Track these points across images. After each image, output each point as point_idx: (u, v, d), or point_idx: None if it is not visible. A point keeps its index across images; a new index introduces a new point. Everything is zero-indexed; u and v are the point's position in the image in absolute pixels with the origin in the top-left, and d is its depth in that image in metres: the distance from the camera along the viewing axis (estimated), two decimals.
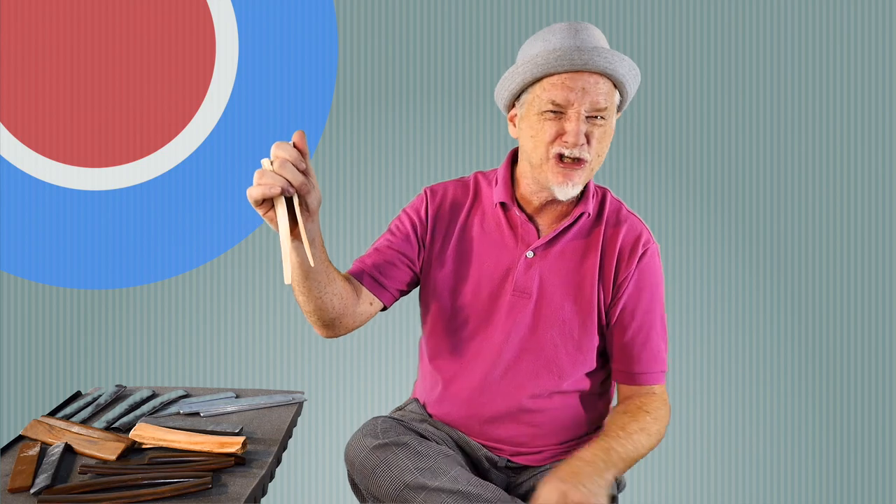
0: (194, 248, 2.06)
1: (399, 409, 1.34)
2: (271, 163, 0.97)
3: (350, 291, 1.16)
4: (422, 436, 1.18)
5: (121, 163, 2.02)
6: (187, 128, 2.03)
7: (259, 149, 2.04)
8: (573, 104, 1.11)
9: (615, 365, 1.24)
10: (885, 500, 2.04)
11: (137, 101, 2.01)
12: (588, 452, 1.07)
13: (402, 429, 1.16)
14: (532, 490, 1.15)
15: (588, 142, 1.13)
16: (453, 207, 1.26)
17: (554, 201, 1.20)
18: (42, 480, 1.03)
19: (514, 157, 1.28)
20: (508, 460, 1.23)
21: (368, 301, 1.20)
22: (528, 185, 1.22)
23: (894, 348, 2.05)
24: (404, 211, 1.29)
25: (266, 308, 2.12)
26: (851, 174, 2.05)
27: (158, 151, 2.03)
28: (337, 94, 2.05)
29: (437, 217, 1.26)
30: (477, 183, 1.29)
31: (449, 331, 1.24)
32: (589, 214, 1.22)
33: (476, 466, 1.24)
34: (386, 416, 1.21)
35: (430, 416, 1.28)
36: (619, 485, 1.28)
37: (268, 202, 0.99)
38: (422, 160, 2.09)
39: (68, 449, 1.15)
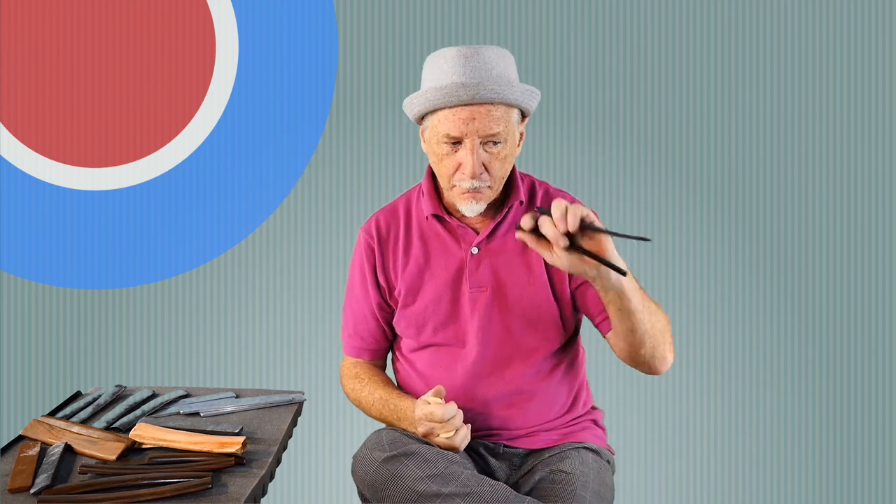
0: (194, 248, 2.06)
1: None
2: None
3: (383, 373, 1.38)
4: (426, 442, 1.19)
5: (121, 163, 2.02)
6: (187, 128, 2.03)
7: (259, 149, 2.04)
8: (466, 135, 1.14)
9: (597, 319, 1.24)
10: (885, 500, 2.04)
11: (137, 101, 2.01)
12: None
13: (407, 438, 1.18)
14: (538, 482, 1.18)
15: (487, 168, 1.17)
16: (391, 235, 1.31)
17: None
18: (42, 480, 1.03)
19: (432, 170, 1.31)
20: (505, 445, 1.26)
21: (381, 365, 1.40)
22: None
23: (894, 348, 2.05)
24: (352, 265, 1.36)
25: (266, 308, 2.12)
26: (851, 173, 2.05)
27: (158, 151, 2.03)
28: (337, 94, 2.05)
29: (382, 253, 1.31)
30: (407, 202, 1.34)
31: (419, 344, 1.29)
32: (522, 202, 1.26)
33: (477, 461, 1.25)
34: (388, 428, 1.24)
35: None
36: (611, 467, 1.31)
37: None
38: (422, 160, 2.09)
39: (68, 449, 1.15)
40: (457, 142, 1.16)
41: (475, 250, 1.25)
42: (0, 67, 1.97)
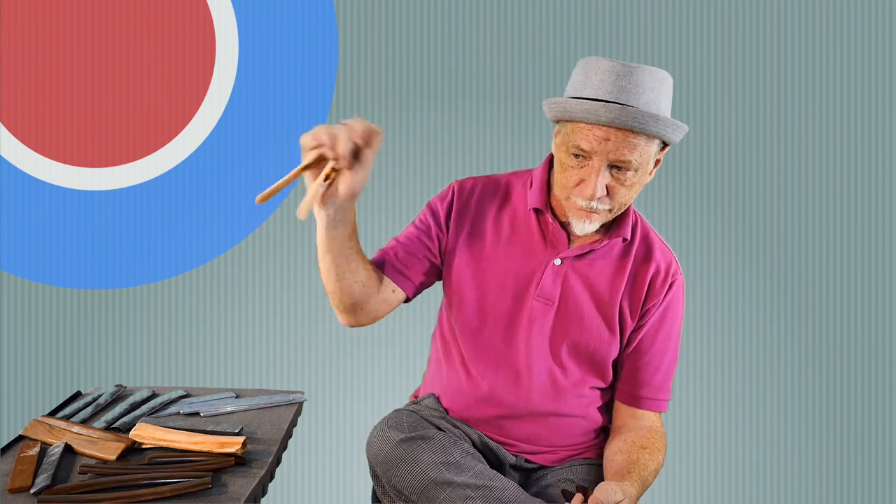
0: (194, 248, 2.06)
1: (415, 402, 1.34)
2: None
3: (373, 279, 1.17)
4: (443, 429, 1.18)
5: (121, 163, 2.02)
6: (187, 128, 2.03)
7: (259, 149, 2.04)
8: (596, 154, 1.08)
9: (622, 385, 1.25)
10: (885, 500, 2.04)
11: (137, 101, 2.01)
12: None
13: (426, 423, 1.17)
14: (545, 488, 1.18)
15: (609, 193, 1.11)
16: (481, 204, 1.25)
17: None
18: (42, 480, 1.03)
19: (551, 161, 1.24)
20: (526, 459, 1.24)
21: (391, 289, 1.20)
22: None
23: (894, 348, 2.05)
24: (429, 203, 1.27)
25: (266, 308, 2.12)
26: (851, 174, 2.05)
27: (158, 151, 2.03)
28: (337, 94, 2.05)
29: (462, 211, 1.24)
30: (509, 183, 1.27)
31: (470, 329, 1.23)
32: (625, 240, 1.21)
33: (493, 465, 1.24)
34: (408, 410, 1.22)
35: (447, 411, 1.27)
36: None
37: (315, 153, 0.97)
38: (422, 160, 2.09)
39: (68, 449, 1.15)
40: (585, 157, 1.10)
41: (558, 262, 1.20)
42: (0, 67, 1.97)
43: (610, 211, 1.14)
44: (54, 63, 1.99)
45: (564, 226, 1.21)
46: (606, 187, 1.11)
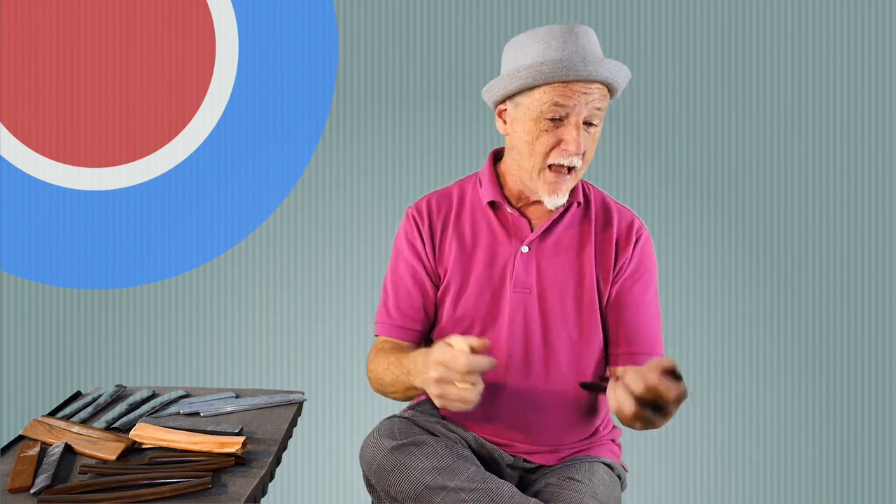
0: (194, 248, 2.06)
1: (411, 408, 1.34)
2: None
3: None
4: (435, 434, 1.18)
5: (121, 163, 2.02)
6: (187, 128, 2.03)
7: (259, 149, 2.04)
8: (574, 112, 1.12)
9: (615, 348, 1.23)
10: (885, 500, 2.04)
11: (137, 101, 2.01)
12: None
13: (417, 428, 1.17)
14: (544, 486, 1.16)
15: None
16: (441, 219, 1.27)
17: None
18: (42, 480, 1.03)
19: (494, 157, 1.30)
20: (524, 459, 1.24)
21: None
22: (516, 182, 1.23)
23: (894, 348, 2.05)
24: (401, 246, 1.29)
25: (266, 308, 2.12)
26: (851, 174, 2.05)
27: (158, 151, 2.03)
28: (337, 94, 2.05)
29: (431, 235, 1.26)
30: (461, 189, 1.30)
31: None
32: (580, 203, 1.24)
33: (490, 466, 1.24)
34: (400, 416, 1.22)
35: (444, 417, 1.28)
36: (621, 482, 1.29)
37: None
38: (422, 160, 2.09)
39: (68, 449, 1.15)
40: (558, 119, 1.13)
41: (525, 249, 1.22)
42: (0, 67, 1.97)
43: (578, 172, 1.17)
44: (54, 63, 1.99)
45: (523, 213, 1.24)
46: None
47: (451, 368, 0.98)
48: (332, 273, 2.10)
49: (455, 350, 0.99)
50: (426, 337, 1.30)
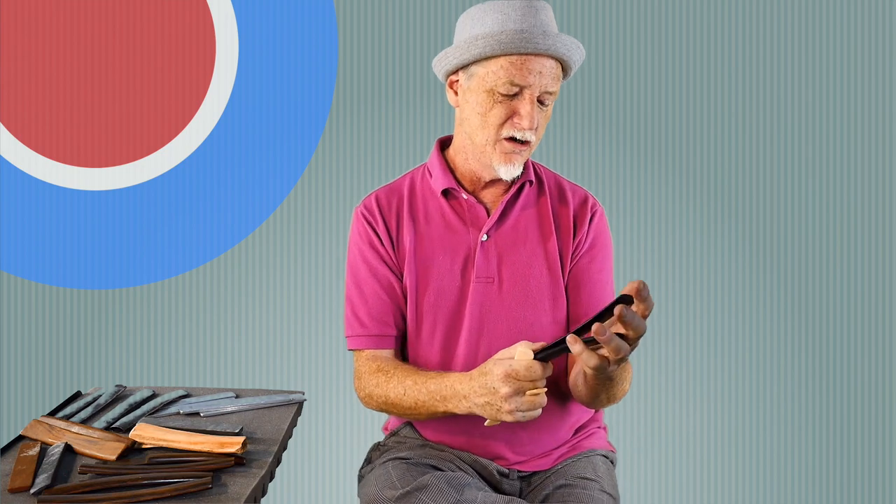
0: (194, 248, 2.06)
1: (393, 434, 1.30)
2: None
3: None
4: (434, 467, 1.15)
5: (121, 163, 2.02)
6: (187, 128, 2.03)
7: (259, 149, 2.04)
8: (530, 86, 1.10)
9: (572, 326, 1.20)
10: (885, 500, 2.04)
11: (137, 101, 2.01)
12: None
13: (415, 470, 1.13)
14: (551, 493, 1.14)
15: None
16: (394, 214, 1.23)
17: (496, 179, 1.19)
18: (42, 480, 1.03)
19: (441, 145, 1.27)
20: (520, 471, 1.21)
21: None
22: (468, 162, 1.20)
23: (894, 348, 2.05)
24: (359, 249, 1.23)
25: (266, 308, 2.12)
26: (851, 172, 2.05)
27: (158, 151, 2.03)
28: (337, 94, 2.05)
29: (387, 231, 1.22)
30: (411, 181, 1.26)
31: (424, 339, 1.20)
32: (532, 182, 1.21)
33: (490, 482, 1.20)
34: (392, 459, 1.18)
35: (427, 440, 1.24)
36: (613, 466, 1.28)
37: None
38: (422, 160, 2.09)
39: (68, 449, 1.15)
40: (511, 94, 1.10)
41: (485, 237, 1.18)
42: (0, 67, 1.97)
43: (530, 147, 1.14)
44: (54, 63, 1.99)
45: (478, 198, 1.21)
46: None
47: (524, 379, 0.97)
48: (332, 273, 2.10)
49: (523, 361, 0.97)
50: (402, 342, 1.23)
